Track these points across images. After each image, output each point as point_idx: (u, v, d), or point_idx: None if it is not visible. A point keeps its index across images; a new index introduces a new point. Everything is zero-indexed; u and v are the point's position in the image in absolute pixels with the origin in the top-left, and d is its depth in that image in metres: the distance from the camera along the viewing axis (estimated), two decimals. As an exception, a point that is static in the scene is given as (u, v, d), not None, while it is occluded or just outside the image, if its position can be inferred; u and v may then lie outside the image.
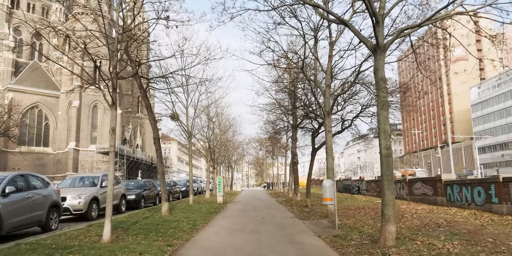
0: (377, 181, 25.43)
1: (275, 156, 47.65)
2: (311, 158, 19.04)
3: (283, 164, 53.49)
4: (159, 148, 13.37)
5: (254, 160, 76.03)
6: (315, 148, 18.86)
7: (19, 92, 63.41)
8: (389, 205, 7.80)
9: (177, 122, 20.22)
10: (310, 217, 13.29)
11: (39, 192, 9.13)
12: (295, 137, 23.24)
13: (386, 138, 7.87)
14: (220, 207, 17.25)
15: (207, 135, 24.87)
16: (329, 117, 13.56)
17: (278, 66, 14.75)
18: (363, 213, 14.22)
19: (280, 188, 50.57)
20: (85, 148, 62.34)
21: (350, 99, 17.87)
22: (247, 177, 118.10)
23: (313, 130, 19.61)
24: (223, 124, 29.95)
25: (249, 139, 50.82)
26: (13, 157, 61.81)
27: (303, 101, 18.85)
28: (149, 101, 13.68)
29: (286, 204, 20.30)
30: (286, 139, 33.44)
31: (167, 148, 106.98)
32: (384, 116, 7.91)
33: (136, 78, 13.18)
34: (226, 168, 49.24)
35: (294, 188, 24.46)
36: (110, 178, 8.08)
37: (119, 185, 15.27)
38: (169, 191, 22.91)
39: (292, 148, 23.73)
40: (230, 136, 36.52)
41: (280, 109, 22.76)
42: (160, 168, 13.35)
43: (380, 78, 7.94)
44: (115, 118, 8.06)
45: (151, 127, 13.58)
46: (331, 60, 13.54)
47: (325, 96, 13.48)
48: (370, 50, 8.30)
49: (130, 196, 16.94)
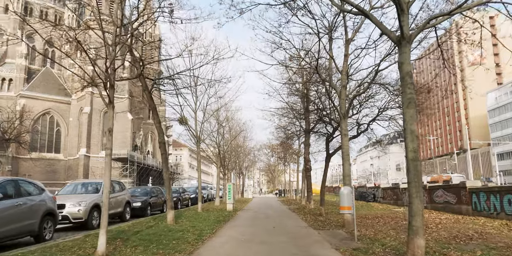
0: (394, 188, 24.35)
1: (287, 162, 46.67)
2: (325, 164, 18.12)
3: (295, 171, 52.50)
4: (165, 152, 12.64)
5: (265, 166, 75.03)
6: (330, 153, 17.95)
7: (31, 98, 63.68)
8: (417, 216, 6.90)
9: (185, 126, 19.53)
10: (325, 226, 12.38)
11: (32, 199, 8.41)
12: (308, 143, 22.35)
13: (413, 140, 6.99)
14: (229, 215, 16.41)
15: (217, 140, 24.11)
16: (345, 120, 12.70)
17: (290, 66, 13.96)
18: (382, 222, 13.26)
19: (292, 195, 49.48)
20: (96, 155, 62.16)
21: (366, 102, 16.98)
22: (258, 184, 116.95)
23: (327, 135, 18.72)
24: (234, 129, 29.18)
25: (261, 145, 49.98)
26: (24, 164, 61.84)
27: (317, 104, 17.99)
28: (154, 103, 12.98)
29: (299, 212, 19.37)
30: (299, 145, 32.53)
31: (178, 155, 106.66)
32: (410, 115, 7.04)
33: (141, 79, 12.52)
34: (237, 175, 48.37)
35: (307, 196, 23.49)
36: (106, 184, 7.33)
37: (123, 192, 14.56)
38: (178, 198, 22.15)
39: (304, 154, 22.82)
40: (241, 141, 35.72)
41: (292, 113, 21.94)
42: (166, 174, 12.59)
43: (406, 73, 7.09)
44: (112, 118, 7.33)
45: (157, 130, 12.87)
46: (347, 59, 12.71)
47: (341, 97, 12.63)
48: (394, 42, 7.46)
49: (136, 203, 16.20)
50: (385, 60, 12.86)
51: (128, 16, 9.71)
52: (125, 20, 8.48)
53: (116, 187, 14.21)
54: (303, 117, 21.59)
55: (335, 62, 13.17)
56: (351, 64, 13.65)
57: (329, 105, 17.43)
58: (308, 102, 19.54)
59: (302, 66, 14.60)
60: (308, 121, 21.10)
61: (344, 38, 12.59)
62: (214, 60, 13.26)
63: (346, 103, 12.95)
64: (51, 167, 64.18)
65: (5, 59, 68.99)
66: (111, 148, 7.39)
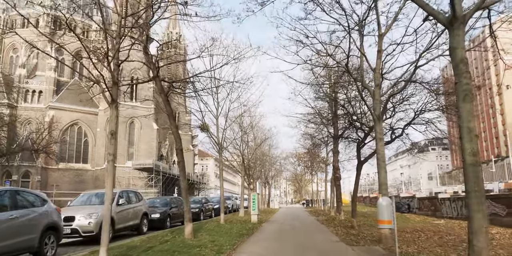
0: (432, 198, 22.62)
1: (314, 171, 45.14)
2: (357, 172, 16.77)
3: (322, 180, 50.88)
4: (182, 160, 11.69)
5: (292, 176, 73.48)
6: (361, 160, 16.60)
7: (59, 109, 64.86)
8: (480, 234, 5.60)
9: (207, 133, 18.63)
10: (359, 241, 11.05)
11: (31, 211, 7.56)
12: (337, 150, 21.03)
13: (472, 140, 5.73)
14: (253, 228, 15.25)
15: (241, 148, 23.08)
16: (380, 123, 11.43)
17: (317, 65, 12.84)
18: (424, 237, 11.81)
19: (320, 205, 47.78)
20: (122, 165, 62.33)
21: (400, 105, 15.62)
22: (285, 193, 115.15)
23: (358, 141, 17.37)
24: (258, 137, 28.10)
25: (287, 154, 48.65)
26: (53, 174, 62.74)
27: (346, 108, 16.73)
28: (171, 108, 12.12)
29: (329, 224, 18.02)
30: (326, 153, 31.08)
31: (204, 165, 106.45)
32: (467, 110, 5.80)
33: (156, 81, 11.69)
34: (263, 184, 47.13)
35: (337, 206, 22.06)
36: (108, 194, 6.37)
37: (140, 203, 13.68)
38: (200, 209, 21.20)
39: (333, 162, 21.50)
40: (266, 150, 34.55)
41: (319, 119, 20.72)
42: (183, 183, 11.62)
43: (460, 60, 5.87)
44: (115, 118, 6.40)
45: (174, 136, 11.97)
46: (381, 55, 11.49)
47: (375, 98, 11.40)
48: (444, 24, 6.27)
49: (154, 214, 15.31)
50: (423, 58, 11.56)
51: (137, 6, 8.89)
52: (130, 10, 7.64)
53: (133, 197, 13.37)
54: (331, 123, 20.35)
55: (367, 59, 11.97)
56: (385, 61, 12.42)
57: (360, 108, 16.15)
58: (336, 106, 18.30)
59: (331, 66, 13.44)
60: (337, 126, 19.83)
61: (377, 32, 11.40)
62: (235, 60, 12.31)
63: (380, 105, 11.71)
64: (79, 177, 64.82)
65: (35, 71, 70.84)
66: (114, 154, 6.46)
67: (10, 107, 59.95)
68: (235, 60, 12.34)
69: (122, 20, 6.93)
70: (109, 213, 6.37)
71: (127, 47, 7.69)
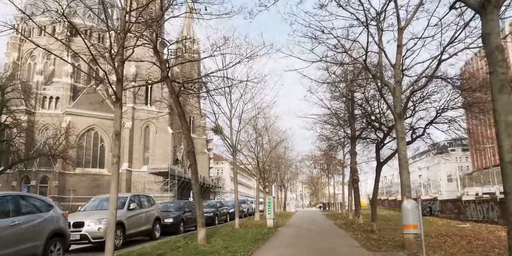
0: (455, 200, 21.73)
1: (331, 174, 44.32)
2: (376, 174, 16.12)
3: (339, 183, 50.00)
4: (194, 163, 11.28)
5: (308, 179, 72.62)
6: (381, 162, 15.93)
7: (76, 115, 65.49)
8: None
9: (220, 135, 18.24)
10: (381, 247, 10.43)
11: (35, 217, 7.22)
12: (354, 151, 20.37)
13: (510, 135, 5.14)
14: (269, 232, 14.73)
15: (255, 150, 22.59)
16: (401, 121, 10.83)
17: (334, 63, 12.30)
18: (450, 242, 11.11)
19: (337, 208, 46.89)
20: (137, 169, 62.58)
21: (421, 103, 14.95)
22: (301, 197, 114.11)
23: (377, 141, 16.70)
24: (273, 139, 27.55)
25: (302, 157, 47.94)
26: (70, 179, 63.26)
27: (364, 108, 16.11)
28: (183, 109, 11.73)
29: (347, 228, 17.38)
30: (343, 155, 30.33)
31: (219, 168, 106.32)
32: (504, 103, 5.22)
33: (167, 81, 11.33)
34: (279, 188, 46.49)
35: (355, 209, 21.35)
36: (113, 199, 5.96)
37: (152, 207, 13.31)
38: (215, 213, 20.77)
39: (351, 164, 20.83)
40: (281, 152, 33.95)
41: (335, 119, 20.12)
42: (195, 187, 11.19)
43: (496, 47, 5.30)
44: (120, 118, 6.01)
45: (185, 138, 11.58)
46: (401, 50, 10.90)
47: (395, 95, 10.81)
48: (476, 9, 5.71)
49: (167, 219, 14.93)
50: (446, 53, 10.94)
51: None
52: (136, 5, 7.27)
53: (144, 202, 13.02)
54: (347, 124, 19.73)
55: (386, 55, 11.38)
56: (405, 57, 11.83)
57: (379, 107, 15.50)
58: (353, 106, 17.70)
59: (348, 63, 12.88)
60: (354, 127, 19.21)
61: (397, 26, 10.83)
62: (248, 58, 11.86)
63: (401, 102, 11.11)
64: (96, 182, 65.17)
65: (52, 78, 71.79)
66: (118, 156, 6.05)
67: (28, 114, 60.81)
68: (247, 59, 11.91)
69: (126, 14, 6.56)
70: (114, 218, 5.96)
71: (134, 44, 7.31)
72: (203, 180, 65.78)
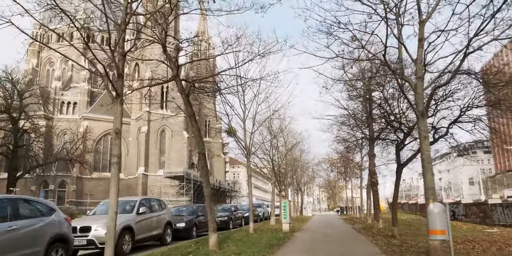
0: (481, 204, 20.75)
1: (348, 177, 43.41)
2: (396, 176, 15.39)
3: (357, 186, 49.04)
4: (205, 165, 10.84)
5: (325, 182, 71.61)
6: (401, 163, 15.20)
7: (93, 120, 66.12)
8: None
9: (234, 137, 17.78)
10: (403, 253, 9.79)
11: (35, 222, 6.84)
12: (373, 153, 19.67)
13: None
14: (284, 237, 14.15)
15: (270, 153, 22.01)
16: (424, 119, 10.17)
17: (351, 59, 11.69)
18: (479, 248, 10.36)
19: (356, 212, 45.88)
20: (153, 173, 62.68)
21: (443, 101, 14.21)
22: (318, 201, 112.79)
23: (396, 142, 15.97)
24: (289, 141, 26.91)
25: (319, 160, 47.12)
26: (88, 183, 63.78)
27: (383, 107, 15.42)
28: (193, 109, 11.31)
29: (366, 233, 16.67)
30: (361, 158, 29.51)
31: (236, 172, 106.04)
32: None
33: (176, 80, 10.94)
34: (295, 191, 45.74)
35: (375, 213, 20.59)
36: (112, 203, 5.54)
37: (163, 211, 12.88)
38: (229, 217, 20.28)
39: (369, 166, 20.14)
40: (297, 155, 33.25)
41: (352, 120, 19.47)
42: (206, 190, 10.71)
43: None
44: (120, 115, 5.59)
45: (196, 139, 11.14)
46: (422, 44, 10.24)
47: (417, 92, 10.15)
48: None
49: (179, 223, 14.49)
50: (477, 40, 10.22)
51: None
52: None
53: (155, 205, 12.61)
54: (365, 125, 19.05)
55: (407, 50, 10.72)
56: (427, 52, 11.14)
57: (399, 106, 14.80)
58: (371, 105, 17.04)
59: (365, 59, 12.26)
60: (372, 128, 18.53)
61: (418, 19, 10.20)
62: (260, 55, 11.36)
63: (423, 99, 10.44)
64: (113, 186, 65.50)
65: (70, 83, 72.77)
66: (119, 155, 5.62)
67: (46, 119, 61.67)
68: (260, 56, 11.40)
69: (128, 5, 6.16)
70: (114, 224, 5.52)
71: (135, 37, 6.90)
72: (219, 184, 65.52)
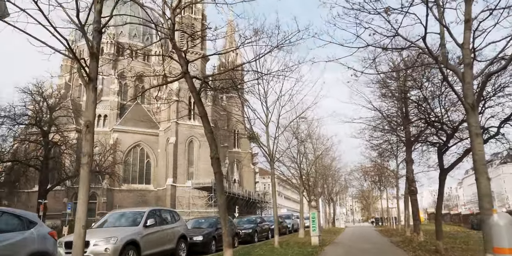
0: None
1: (383, 186, 41.07)
2: (440, 182, 13.56)
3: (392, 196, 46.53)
4: (219, 171, 9.58)
5: (358, 192, 69.00)
6: (445, 168, 13.39)
7: (123, 132, 66.61)
8: None
9: (256, 143, 16.51)
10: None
11: (8, 237, 5.72)
12: (410, 158, 17.89)
13: None
14: (313, 252, 12.64)
15: (298, 159, 20.51)
16: (475, 113, 8.50)
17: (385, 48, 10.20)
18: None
19: (392, 224, 43.33)
20: (182, 184, 62.13)
21: (493, 97, 12.44)
22: (351, 211, 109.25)
23: (438, 145, 14.16)
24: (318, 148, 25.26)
25: (351, 168, 45.02)
26: (118, 195, 63.87)
27: (422, 106, 13.73)
28: (204, 109, 10.13)
29: (406, 247, 14.94)
30: (397, 165, 27.44)
31: (266, 183, 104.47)
32: None
33: (186, 77, 9.82)
34: (326, 202, 43.73)
35: (414, 225, 18.63)
36: (81, 211, 4.32)
37: (176, 224, 11.65)
38: (254, 229, 18.87)
39: (407, 173, 18.33)
40: (327, 162, 31.44)
41: (386, 123, 17.82)
42: (220, 199, 9.43)
43: None
44: (92, 104, 4.41)
45: (208, 141, 9.93)
46: (470, 25, 8.64)
47: (465, 81, 8.52)
48: None
49: (196, 237, 13.21)
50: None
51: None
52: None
53: (167, 217, 11.42)
54: (401, 128, 17.34)
55: (451, 33, 9.15)
56: (474, 36, 9.51)
57: (440, 104, 13.06)
58: (406, 104, 15.40)
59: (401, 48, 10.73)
60: (409, 130, 16.81)
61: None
62: (279, 46, 10.06)
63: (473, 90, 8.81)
64: (142, 198, 65.36)
65: (101, 97, 73.95)
66: (90, 154, 4.42)
67: (78, 132, 62.73)
68: (278, 48, 10.11)
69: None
70: (82, 241, 4.30)
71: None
72: (249, 195, 64.46)
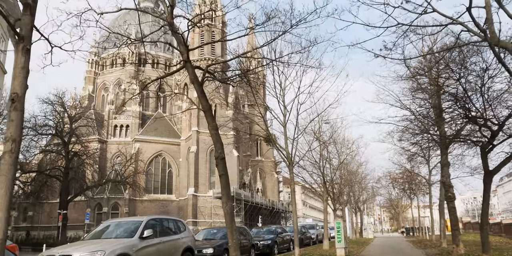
0: None
1: (414, 194, 38.66)
2: (484, 186, 11.79)
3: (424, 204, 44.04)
4: (224, 173, 8.23)
5: (386, 201, 66.16)
6: (490, 170, 11.61)
7: (144, 142, 66.38)
8: None
9: (274, 146, 15.11)
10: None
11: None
12: (446, 161, 16.07)
13: None
14: (339, 268, 11.02)
15: (320, 164, 18.89)
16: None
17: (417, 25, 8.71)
18: None
19: (425, 234, 40.67)
20: (203, 194, 61.12)
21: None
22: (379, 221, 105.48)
23: (482, 144, 12.37)
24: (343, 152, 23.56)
25: (379, 176, 42.84)
26: (140, 205, 63.33)
27: (462, 100, 12.00)
28: (209, 103, 8.84)
29: (446, 261, 13.11)
30: (429, 171, 25.34)
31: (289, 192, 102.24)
32: None
33: (187, 67, 8.60)
34: (353, 211, 41.57)
35: (453, 235, 16.61)
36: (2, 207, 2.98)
37: (181, 234, 10.26)
38: (273, 240, 17.33)
39: (442, 177, 16.47)
40: (353, 168, 29.55)
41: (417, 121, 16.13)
42: (226, 206, 8.02)
43: None
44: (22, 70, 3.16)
45: (212, 139, 8.62)
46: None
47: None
48: None
49: (206, 250, 11.85)
50: None
51: None
52: None
53: (170, 228, 10.08)
54: (435, 128, 15.63)
55: (502, 4, 7.59)
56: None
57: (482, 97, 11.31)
58: (439, 98, 13.72)
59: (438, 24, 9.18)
60: (444, 130, 15.05)
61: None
62: (293, 27, 8.68)
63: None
64: (164, 208, 64.59)
65: (123, 107, 74.30)
66: (15, 139, 3.13)
67: (100, 142, 62.98)
68: (293, 27, 8.71)
69: None
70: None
71: None
72: (272, 204, 62.77)
